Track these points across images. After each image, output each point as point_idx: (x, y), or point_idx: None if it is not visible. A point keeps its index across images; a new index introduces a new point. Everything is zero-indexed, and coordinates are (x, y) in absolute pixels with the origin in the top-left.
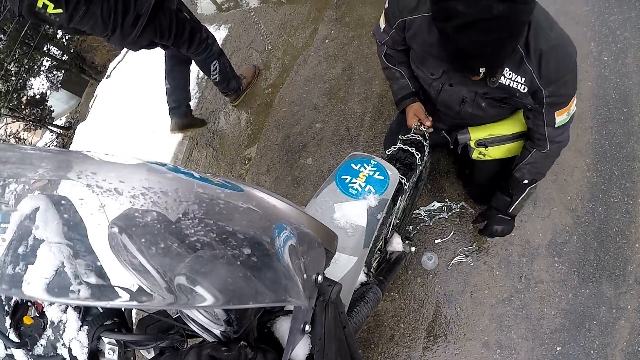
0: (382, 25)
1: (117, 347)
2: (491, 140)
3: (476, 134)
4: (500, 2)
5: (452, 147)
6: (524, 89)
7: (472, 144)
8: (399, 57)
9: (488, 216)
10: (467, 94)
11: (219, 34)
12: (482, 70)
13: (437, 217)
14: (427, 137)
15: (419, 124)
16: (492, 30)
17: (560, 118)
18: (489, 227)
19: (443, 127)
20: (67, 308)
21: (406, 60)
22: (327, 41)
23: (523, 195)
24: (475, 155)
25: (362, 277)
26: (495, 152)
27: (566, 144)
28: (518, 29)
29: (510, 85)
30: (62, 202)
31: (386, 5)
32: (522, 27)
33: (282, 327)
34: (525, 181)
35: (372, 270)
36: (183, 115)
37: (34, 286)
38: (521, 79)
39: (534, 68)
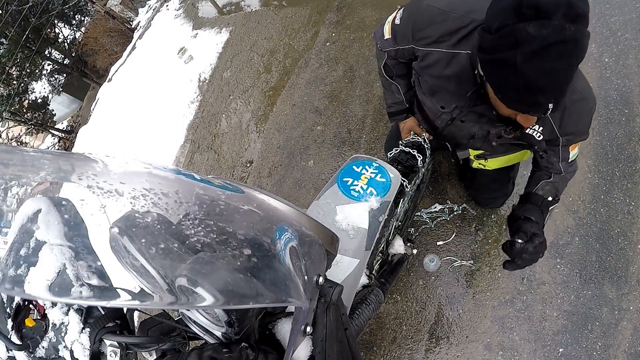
0: (387, 35)
1: (119, 350)
2: (490, 152)
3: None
4: (571, 22)
5: (452, 159)
6: (540, 137)
7: (471, 156)
8: (398, 70)
9: (529, 230)
10: (478, 132)
11: (221, 37)
12: (550, 106)
13: (438, 219)
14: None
15: (414, 135)
16: (564, 55)
17: (574, 152)
18: (535, 243)
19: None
20: (68, 310)
21: (405, 73)
22: (328, 44)
23: (547, 216)
24: (475, 165)
25: (364, 280)
26: (495, 163)
27: (574, 173)
28: (583, 55)
29: (527, 132)
30: (63, 202)
31: (397, 22)
32: (585, 54)
33: (284, 329)
34: (550, 198)
35: (374, 272)
36: None
37: (35, 286)
38: (539, 127)
39: (555, 120)
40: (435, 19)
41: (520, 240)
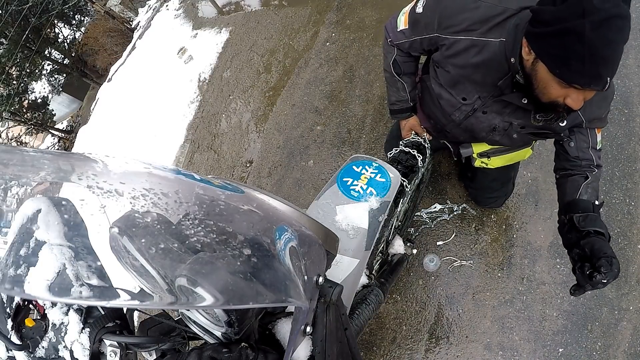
0: (402, 26)
1: (119, 350)
2: (493, 151)
3: (478, 147)
4: (623, 1)
5: (455, 159)
6: (564, 122)
7: (474, 155)
8: (406, 68)
9: (601, 249)
10: (499, 124)
11: (221, 37)
12: (608, 80)
13: (438, 219)
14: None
15: (415, 135)
16: (621, 29)
17: (599, 137)
18: (609, 263)
19: (443, 141)
20: (68, 310)
21: (413, 71)
22: (328, 44)
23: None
24: (477, 163)
25: (363, 280)
26: (498, 162)
27: (602, 170)
28: (628, 36)
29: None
30: (63, 202)
31: (418, 10)
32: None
33: (284, 329)
34: (597, 202)
35: (373, 272)
36: None
37: (35, 286)
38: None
39: None
40: (467, 6)
41: (604, 270)
